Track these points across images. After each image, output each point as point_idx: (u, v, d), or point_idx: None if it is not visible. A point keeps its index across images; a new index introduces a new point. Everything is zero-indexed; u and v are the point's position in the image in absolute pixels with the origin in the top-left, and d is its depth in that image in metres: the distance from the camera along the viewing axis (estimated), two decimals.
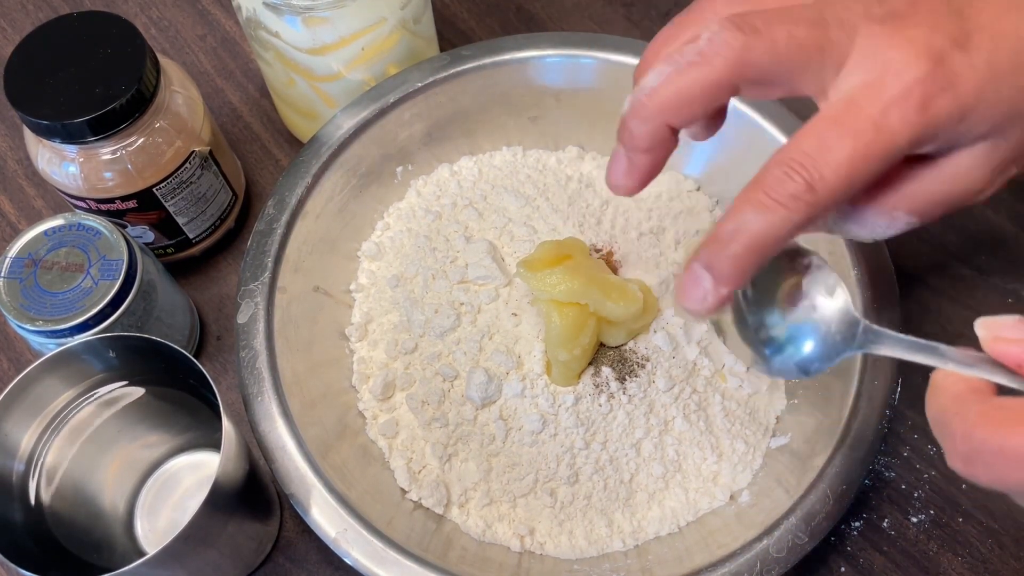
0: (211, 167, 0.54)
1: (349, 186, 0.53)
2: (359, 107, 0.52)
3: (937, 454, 0.52)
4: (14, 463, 0.43)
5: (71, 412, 0.45)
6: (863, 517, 0.51)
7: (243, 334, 0.46)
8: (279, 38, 0.52)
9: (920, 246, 0.58)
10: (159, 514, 0.50)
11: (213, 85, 0.65)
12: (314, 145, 0.51)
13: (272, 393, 0.45)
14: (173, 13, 0.68)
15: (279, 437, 0.44)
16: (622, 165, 0.35)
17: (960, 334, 0.55)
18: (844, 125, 0.30)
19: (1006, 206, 0.59)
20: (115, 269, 0.47)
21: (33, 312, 0.46)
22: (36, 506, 0.43)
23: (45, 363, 0.42)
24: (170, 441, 0.51)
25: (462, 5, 0.68)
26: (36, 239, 0.48)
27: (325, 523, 0.42)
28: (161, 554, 0.37)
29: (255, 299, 0.47)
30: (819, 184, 0.30)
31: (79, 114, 0.46)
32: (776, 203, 0.30)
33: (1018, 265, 0.57)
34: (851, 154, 0.30)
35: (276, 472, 0.43)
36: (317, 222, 0.51)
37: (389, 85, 0.53)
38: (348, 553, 0.42)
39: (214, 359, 0.56)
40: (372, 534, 0.42)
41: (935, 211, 0.34)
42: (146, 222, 0.53)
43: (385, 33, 0.53)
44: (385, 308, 0.52)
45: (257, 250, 0.48)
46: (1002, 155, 0.32)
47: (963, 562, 0.50)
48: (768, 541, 0.42)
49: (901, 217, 0.34)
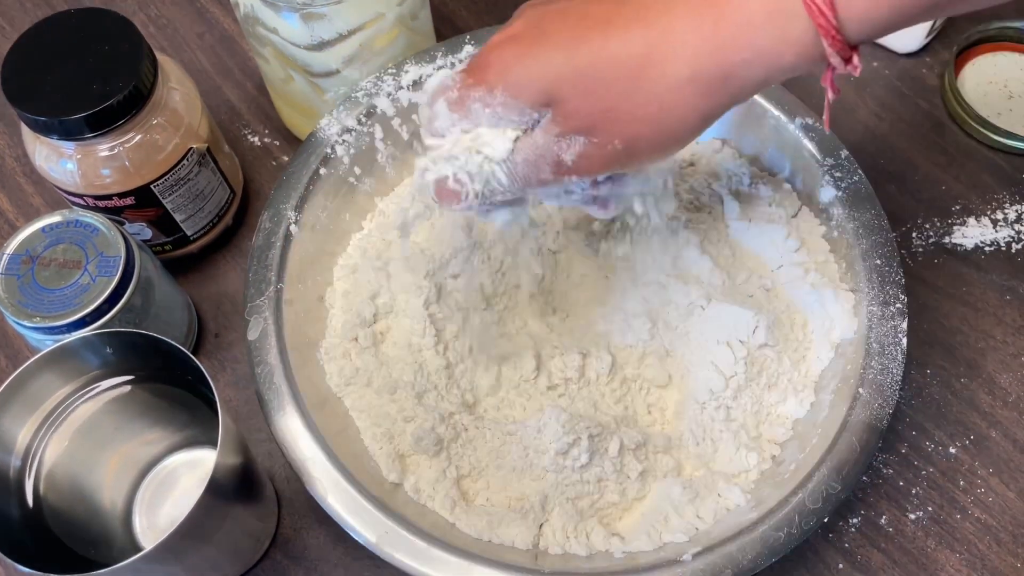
0: (209, 164, 0.54)
1: (342, 192, 0.53)
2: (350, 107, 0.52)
3: (935, 451, 0.52)
4: (11, 458, 0.43)
5: (68, 408, 0.44)
6: (861, 514, 0.51)
7: (256, 350, 0.46)
8: (277, 34, 0.52)
9: (919, 241, 0.58)
10: (157, 510, 0.50)
11: (211, 82, 0.65)
12: (303, 154, 0.51)
13: (294, 407, 0.45)
14: (171, 11, 0.68)
15: (306, 448, 0.44)
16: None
17: (958, 330, 0.56)
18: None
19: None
20: (112, 266, 0.47)
21: (31, 308, 0.46)
22: (33, 502, 0.43)
23: (42, 359, 0.42)
24: (168, 438, 0.51)
25: (460, 2, 0.68)
26: (34, 236, 0.48)
27: (364, 528, 0.42)
28: (158, 549, 0.37)
29: (263, 314, 0.47)
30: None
31: (77, 111, 0.46)
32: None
33: (1016, 263, 0.57)
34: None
35: (306, 481, 0.43)
36: (314, 232, 0.51)
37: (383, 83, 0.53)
38: (393, 555, 0.42)
39: (212, 356, 0.56)
40: (414, 534, 0.42)
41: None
42: (144, 219, 0.53)
43: (383, 29, 0.53)
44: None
45: (259, 265, 0.48)
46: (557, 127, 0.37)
47: (960, 558, 0.50)
48: (803, 494, 0.42)
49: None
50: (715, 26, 0.34)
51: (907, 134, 0.62)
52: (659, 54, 0.35)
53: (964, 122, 0.62)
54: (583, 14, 0.36)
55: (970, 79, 0.64)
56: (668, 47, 0.35)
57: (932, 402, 0.54)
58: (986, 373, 0.54)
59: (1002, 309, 0.56)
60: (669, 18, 0.35)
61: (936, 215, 0.59)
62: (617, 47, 0.35)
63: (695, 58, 0.34)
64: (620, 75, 0.35)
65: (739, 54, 0.34)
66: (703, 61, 0.34)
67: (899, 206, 0.59)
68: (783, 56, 0.34)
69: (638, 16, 0.35)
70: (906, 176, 0.61)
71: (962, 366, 0.55)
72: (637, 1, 0.36)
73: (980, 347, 0.55)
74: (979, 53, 0.65)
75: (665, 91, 0.35)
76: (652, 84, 0.35)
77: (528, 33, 0.37)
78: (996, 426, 0.53)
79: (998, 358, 0.55)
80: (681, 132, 0.36)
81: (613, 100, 0.35)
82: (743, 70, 0.35)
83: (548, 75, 0.36)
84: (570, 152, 0.36)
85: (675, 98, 0.35)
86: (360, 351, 0.50)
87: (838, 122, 0.62)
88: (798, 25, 0.33)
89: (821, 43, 0.33)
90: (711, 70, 0.34)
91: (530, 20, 0.37)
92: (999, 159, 0.61)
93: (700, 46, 0.34)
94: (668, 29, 0.35)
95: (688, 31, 0.34)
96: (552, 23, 0.37)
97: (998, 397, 0.54)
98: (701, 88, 0.35)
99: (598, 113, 0.36)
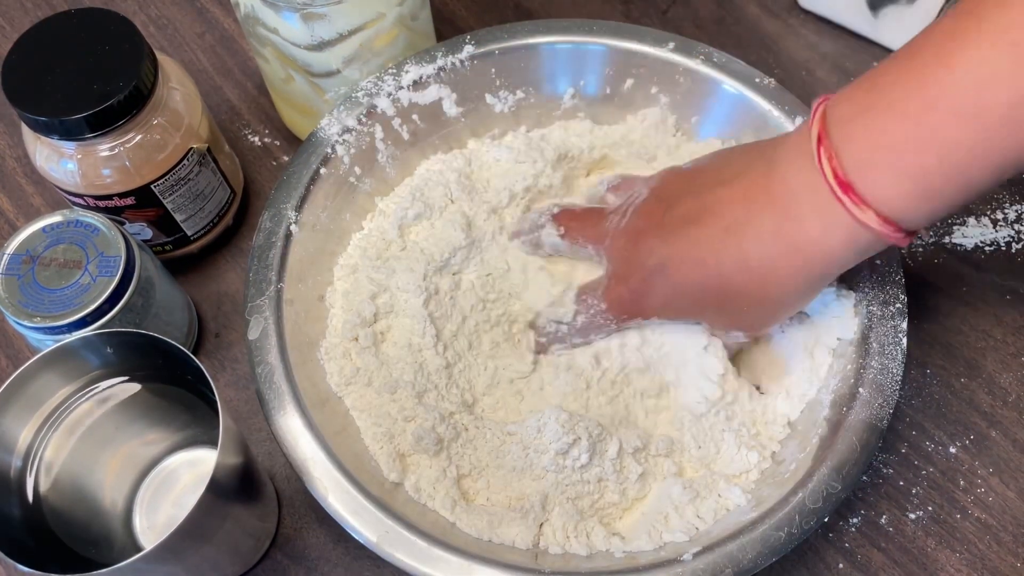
0: (209, 164, 0.54)
1: (342, 192, 0.53)
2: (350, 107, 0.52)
3: (935, 450, 0.52)
4: (12, 458, 0.43)
5: (69, 408, 0.45)
6: (861, 514, 0.51)
7: (256, 350, 0.46)
8: (277, 34, 0.52)
9: (918, 240, 0.58)
10: (158, 510, 0.50)
11: (211, 82, 0.65)
12: (303, 154, 0.51)
13: (294, 406, 0.45)
14: (171, 11, 0.68)
15: (306, 447, 0.44)
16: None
17: (958, 330, 0.56)
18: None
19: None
20: (113, 266, 0.47)
21: (31, 308, 0.46)
22: (34, 501, 0.43)
23: (43, 359, 0.42)
24: (169, 438, 0.51)
25: (460, 2, 0.68)
26: (34, 236, 0.48)
27: (364, 527, 0.42)
28: (159, 549, 0.37)
29: (264, 314, 0.47)
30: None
31: (77, 111, 0.46)
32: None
33: (1015, 262, 0.58)
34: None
35: (306, 481, 0.43)
36: (314, 232, 0.51)
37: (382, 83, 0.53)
38: (393, 555, 0.42)
39: (212, 356, 0.56)
40: (415, 534, 0.42)
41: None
42: (144, 219, 0.53)
43: (383, 29, 0.53)
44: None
45: (259, 264, 0.48)
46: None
47: (960, 558, 0.50)
48: (803, 493, 0.42)
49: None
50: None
51: None
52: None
53: None
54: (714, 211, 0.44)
55: None
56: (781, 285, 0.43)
57: (932, 402, 0.54)
58: (986, 373, 0.54)
59: (1002, 309, 0.56)
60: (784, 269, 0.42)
61: None
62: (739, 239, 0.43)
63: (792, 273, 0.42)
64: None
65: (824, 261, 0.41)
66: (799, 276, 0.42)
67: None
68: (849, 257, 0.40)
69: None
70: None
71: (962, 366, 0.55)
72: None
73: (980, 347, 0.55)
74: None
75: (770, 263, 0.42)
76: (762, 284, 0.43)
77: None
78: (996, 426, 0.53)
79: (998, 358, 0.55)
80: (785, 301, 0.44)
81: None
82: (822, 282, 0.42)
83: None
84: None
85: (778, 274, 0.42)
86: (360, 351, 0.50)
87: None
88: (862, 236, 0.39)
89: (884, 241, 0.39)
90: (800, 279, 0.42)
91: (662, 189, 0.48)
92: None
93: (800, 263, 0.41)
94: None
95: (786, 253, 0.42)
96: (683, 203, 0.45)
97: (998, 397, 0.54)
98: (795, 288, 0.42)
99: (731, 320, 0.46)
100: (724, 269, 0.42)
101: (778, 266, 0.41)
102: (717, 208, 0.42)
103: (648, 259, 0.45)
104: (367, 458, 0.47)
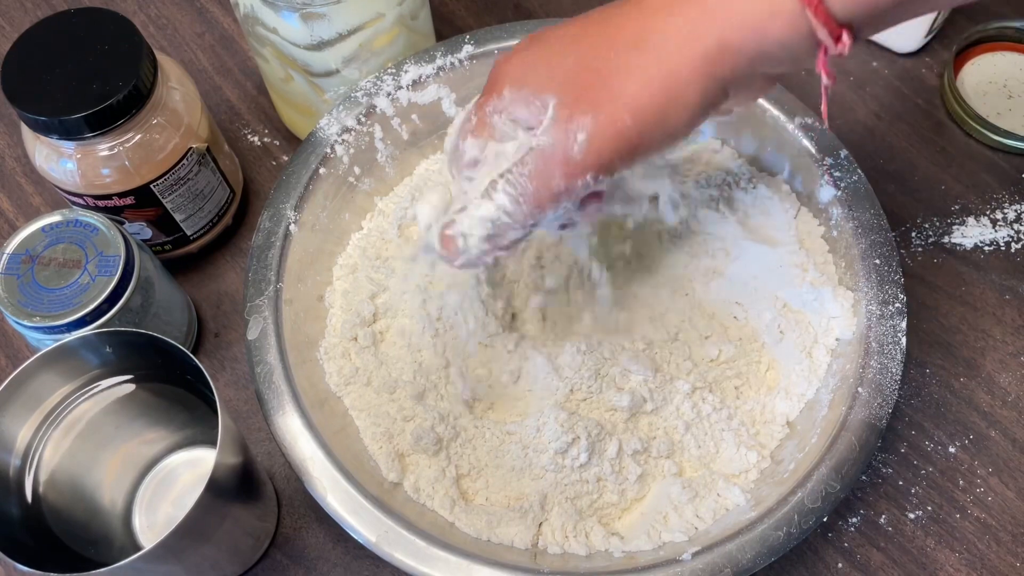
0: (208, 164, 0.54)
1: (341, 192, 0.53)
2: (350, 107, 0.52)
3: (934, 450, 0.52)
4: (11, 457, 0.43)
5: (68, 407, 0.45)
6: (860, 513, 0.51)
7: (256, 350, 0.46)
8: (276, 34, 0.52)
9: (918, 240, 0.58)
10: (157, 510, 0.50)
11: (211, 82, 0.65)
12: (303, 154, 0.51)
13: (293, 406, 0.45)
14: (171, 11, 0.68)
15: (305, 447, 0.44)
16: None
17: (957, 329, 0.56)
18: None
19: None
20: (112, 265, 0.47)
21: (30, 308, 0.46)
22: (33, 501, 0.43)
23: (42, 358, 0.42)
24: (168, 437, 0.51)
25: (460, 2, 0.68)
26: (34, 235, 0.48)
27: (363, 527, 0.42)
28: (158, 548, 0.37)
29: (263, 314, 0.47)
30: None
31: (76, 110, 0.46)
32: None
33: (1015, 262, 0.58)
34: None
35: (306, 481, 0.43)
36: (313, 232, 0.51)
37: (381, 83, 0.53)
38: (392, 555, 0.42)
39: (212, 355, 0.56)
40: (414, 534, 0.42)
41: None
42: (144, 219, 0.53)
43: (382, 29, 0.53)
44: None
45: (259, 264, 0.48)
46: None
47: (960, 558, 0.50)
48: (802, 493, 0.43)
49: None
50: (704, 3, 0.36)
51: (906, 134, 0.62)
52: (657, 27, 0.36)
53: (963, 122, 0.62)
54: (581, 23, 0.39)
55: (970, 79, 0.64)
56: (664, 23, 0.36)
57: (931, 401, 0.54)
58: (985, 372, 0.54)
59: (1001, 309, 0.56)
60: (664, 5, 0.37)
61: (935, 215, 0.59)
62: (615, 31, 0.37)
63: (691, 26, 0.36)
64: (620, 50, 0.36)
65: (730, 22, 0.35)
66: (699, 30, 0.36)
67: (898, 206, 0.59)
68: (772, 27, 0.35)
69: (634, 11, 0.37)
70: (905, 176, 0.61)
71: (961, 365, 0.55)
72: (632, 5, 0.38)
73: (979, 346, 0.55)
74: (978, 53, 0.65)
75: (667, 56, 0.36)
76: (654, 52, 0.36)
77: (530, 44, 0.39)
78: (995, 425, 0.53)
79: (997, 357, 0.55)
80: (687, 97, 0.36)
81: (615, 73, 0.36)
82: (736, 40, 0.35)
83: (551, 63, 0.37)
84: (579, 139, 0.36)
85: (677, 62, 0.36)
86: (359, 350, 0.50)
87: (837, 122, 0.62)
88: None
89: (807, 15, 0.34)
90: (707, 39, 0.36)
91: (531, 36, 0.40)
92: (998, 159, 0.61)
93: (697, 18, 0.36)
94: (662, 10, 0.37)
95: (683, 6, 0.36)
96: (552, 33, 0.39)
97: (997, 396, 0.54)
98: (698, 54, 0.36)
99: (601, 87, 0.36)
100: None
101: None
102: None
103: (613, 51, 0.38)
104: (366, 458, 0.47)
